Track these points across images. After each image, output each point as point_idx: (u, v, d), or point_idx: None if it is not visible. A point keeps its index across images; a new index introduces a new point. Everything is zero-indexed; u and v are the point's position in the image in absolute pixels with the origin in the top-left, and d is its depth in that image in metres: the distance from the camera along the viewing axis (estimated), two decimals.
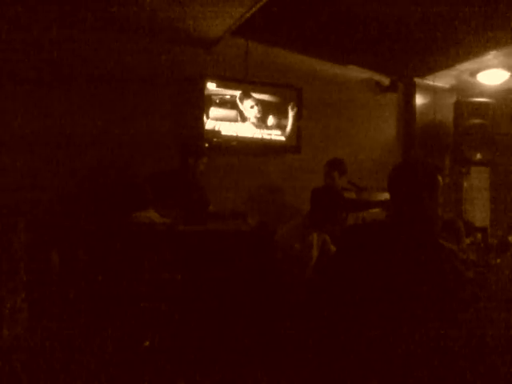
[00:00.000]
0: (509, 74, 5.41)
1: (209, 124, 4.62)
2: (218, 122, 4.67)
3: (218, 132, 4.67)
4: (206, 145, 4.42)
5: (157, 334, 2.35)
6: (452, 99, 5.88)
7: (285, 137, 4.99)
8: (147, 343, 2.22)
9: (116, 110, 4.27)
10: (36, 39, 3.92)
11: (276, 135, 4.95)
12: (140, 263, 2.63)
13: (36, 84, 3.92)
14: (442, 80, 5.90)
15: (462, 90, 6.01)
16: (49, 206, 3.83)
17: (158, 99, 4.46)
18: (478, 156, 5.56)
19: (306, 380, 2.19)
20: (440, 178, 2.01)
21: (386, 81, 5.78)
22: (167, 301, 2.58)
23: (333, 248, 3.41)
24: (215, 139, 4.63)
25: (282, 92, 4.99)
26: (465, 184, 5.96)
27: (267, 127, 4.91)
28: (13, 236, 2.04)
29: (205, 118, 4.59)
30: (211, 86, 4.63)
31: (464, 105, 5.62)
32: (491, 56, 5.02)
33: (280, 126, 4.97)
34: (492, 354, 1.84)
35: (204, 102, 4.59)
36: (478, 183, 6.09)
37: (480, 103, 5.61)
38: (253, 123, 4.84)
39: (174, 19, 4.09)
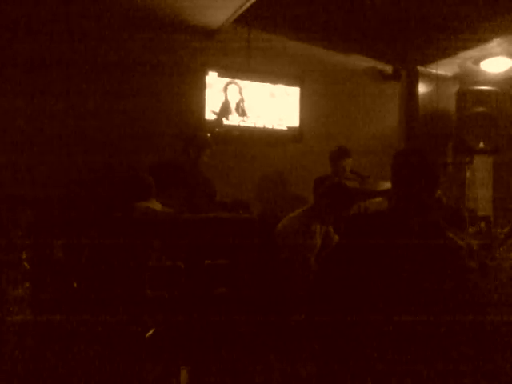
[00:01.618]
0: None
1: (210, 114, 4.61)
2: (219, 111, 4.65)
3: (220, 122, 4.65)
4: (208, 135, 4.40)
5: (161, 322, 2.36)
6: (455, 88, 5.84)
7: (287, 126, 4.97)
8: (151, 331, 2.22)
9: (117, 100, 4.25)
10: (37, 30, 3.90)
11: (278, 125, 4.93)
12: (143, 252, 2.64)
13: (38, 75, 3.90)
14: (444, 68, 5.86)
15: (465, 79, 5.97)
16: (51, 196, 3.82)
17: (160, 89, 4.43)
18: (481, 145, 5.53)
19: (310, 369, 2.20)
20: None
21: (388, 69, 5.75)
22: (170, 289, 2.58)
23: (336, 238, 3.40)
24: (217, 129, 4.61)
25: (284, 81, 4.96)
26: (467, 173, 5.94)
27: (269, 116, 4.89)
28: (14, 226, 2.04)
29: (206, 107, 4.57)
30: (213, 75, 4.61)
31: (467, 93, 5.58)
32: (495, 44, 4.98)
33: (282, 116, 4.95)
34: (495, 343, 1.84)
35: (205, 91, 4.57)
36: (480, 172, 6.07)
37: (483, 91, 5.57)
38: (255, 112, 4.81)
39: (176, 8, 4.06)
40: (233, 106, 4.72)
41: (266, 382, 2.55)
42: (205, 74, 4.57)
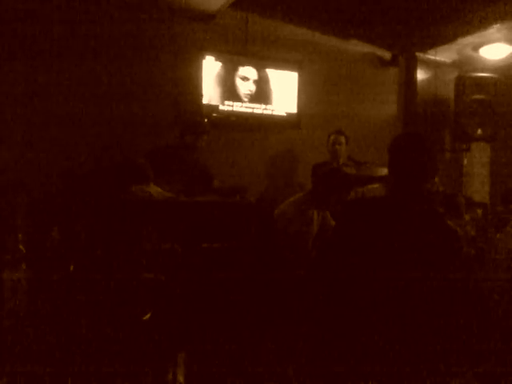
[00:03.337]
0: None
1: (207, 98, 4.58)
2: (216, 96, 4.62)
3: (217, 107, 4.62)
4: (206, 120, 4.38)
5: (157, 306, 2.36)
6: (454, 74, 5.82)
7: (285, 112, 4.95)
8: (148, 315, 2.23)
9: (114, 85, 4.21)
10: (33, 13, 3.86)
11: (276, 110, 4.91)
12: (140, 235, 2.63)
13: (34, 60, 3.86)
14: (443, 55, 5.83)
15: (464, 65, 5.95)
16: (49, 181, 3.81)
17: (157, 74, 4.39)
18: (479, 132, 5.52)
19: (307, 353, 2.21)
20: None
21: (387, 55, 5.72)
22: (167, 272, 2.58)
23: (333, 223, 3.41)
24: (214, 114, 4.59)
25: (282, 66, 4.93)
26: (465, 160, 5.96)
27: (267, 102, 4.86)
28: (12, 209, 2.04)
29: (203, 92, 4.54)
30: (210, 60, 4.57)
31: (466, 80, 5.56)
32: (494, 30, 4.95)
33: (280, 101, 4.92)
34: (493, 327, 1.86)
35: (202, 76, 4.54)
36: (478, 159, 6.08)
37: (482, 78, 5.56)
38: (252, 98, 4.79)
39: None
40: (230, 91, 4.69)
41: (264, 367, 2.57)
42: (202, 58, 4.53)
